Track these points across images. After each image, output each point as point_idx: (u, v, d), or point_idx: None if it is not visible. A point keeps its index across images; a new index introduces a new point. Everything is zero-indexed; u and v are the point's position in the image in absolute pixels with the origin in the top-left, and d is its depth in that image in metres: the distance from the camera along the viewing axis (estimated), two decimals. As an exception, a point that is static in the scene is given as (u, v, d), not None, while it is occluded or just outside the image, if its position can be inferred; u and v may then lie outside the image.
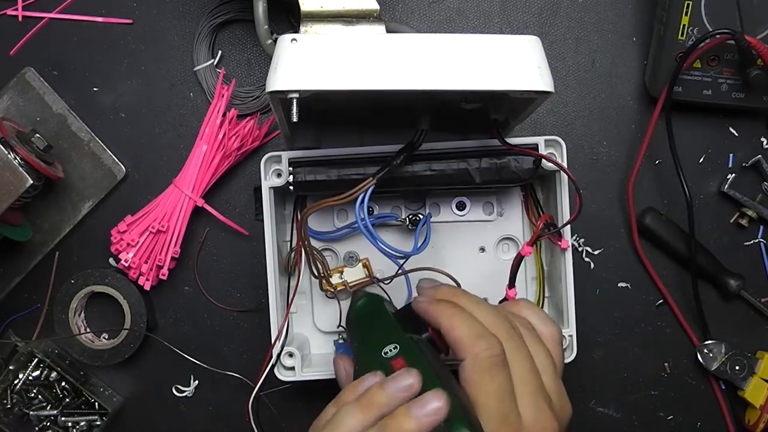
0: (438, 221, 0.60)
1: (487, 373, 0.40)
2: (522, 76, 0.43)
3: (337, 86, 0.42)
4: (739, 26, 0.58)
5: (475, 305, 0.44)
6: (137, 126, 0.65)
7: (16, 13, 0.64)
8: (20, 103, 0.64)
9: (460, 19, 0.65)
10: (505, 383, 0.40)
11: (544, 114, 0.65)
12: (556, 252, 0.58)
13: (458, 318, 0.43)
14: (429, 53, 0.43)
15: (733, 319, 0.65)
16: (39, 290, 0.65)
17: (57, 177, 0.61)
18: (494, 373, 0.40)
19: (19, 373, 0.64)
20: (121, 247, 0.62)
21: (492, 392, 0.40)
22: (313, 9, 0.50)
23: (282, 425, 0.64)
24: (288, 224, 0.60)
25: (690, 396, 0.65)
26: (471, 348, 0.41)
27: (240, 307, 0.65)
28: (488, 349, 0.40)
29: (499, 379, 0.40)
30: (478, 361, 0.40)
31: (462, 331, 0.42)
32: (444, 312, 0.44)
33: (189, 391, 0.65)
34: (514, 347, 0.42)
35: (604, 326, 0.65)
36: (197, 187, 0.62)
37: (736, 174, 0.65)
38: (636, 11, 0.65)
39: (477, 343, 0.41)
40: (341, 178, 0.54)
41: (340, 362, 0.50)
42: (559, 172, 0.55)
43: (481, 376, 0.40)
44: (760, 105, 0.62)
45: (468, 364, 0.40)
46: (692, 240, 0.62)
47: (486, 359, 0.40)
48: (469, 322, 0.42)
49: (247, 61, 0.65)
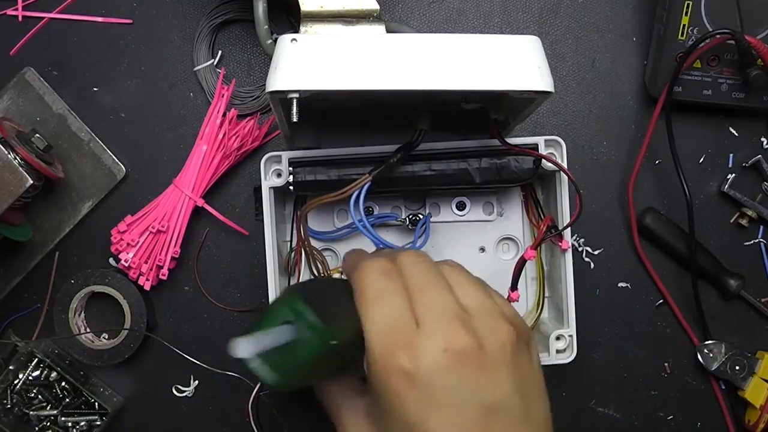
0: (438, 221, 0.60)
1: (373, 281, 0.39)
2: (522, 76, 0.43)
3: (337, 86, 0.42)
4: (739, 26, 0.58)
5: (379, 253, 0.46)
6: (137, 126, 0.65)
7: (16, 13, 0.64)
8: (20, 103, 0.64)
9: (460, 19, 0.65)
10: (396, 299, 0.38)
11: (544, 114, 0.65)
12: (557, 252, 0.58)
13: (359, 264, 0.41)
14: (429, 53, 0.43)
15: (733, 319, 0.65)
16: (39, 290, 0.65)
17: (57, 177, 0.61)
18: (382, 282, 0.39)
19: (19, 373, 0.64)
20: (121, 247, 0.62)
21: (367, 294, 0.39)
22: (313, 9, 0.50)
23: (282, 425, 0.64)
24: (288, 224, 0.60)
25: (690, 396, 0.65)
26: (355, 267, 0.41)
27: (240, 307, 0.65)
28: (370, 266, 0.40)
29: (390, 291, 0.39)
30: (371, 281, 0.39)
31: (350, 263, 0.44)
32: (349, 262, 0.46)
33: (189, 391, 0.65)
34: (425, 268, 0.40)
35: (604, 326, 0.65)
36: (197, 187, 0.62)
37: (736, 174, 0.65)
38: (636, 11, 0.65)
39: (362, 265, 0.41)
40: (341, 178, 0.54)
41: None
42: (559, 172, 0.55)
43: (359, 274, 0.40)
44: (760, 105, 0.62)
45: (353, 277, 0.40)
46: (692, 240, 0.62)
47: (371, 272, 0.40)
48: (363, 261, 0.41)
49: (247, 61, 0.65)
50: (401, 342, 0.36)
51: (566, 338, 0.56)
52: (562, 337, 0.56)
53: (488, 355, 0.36)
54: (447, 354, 0.35)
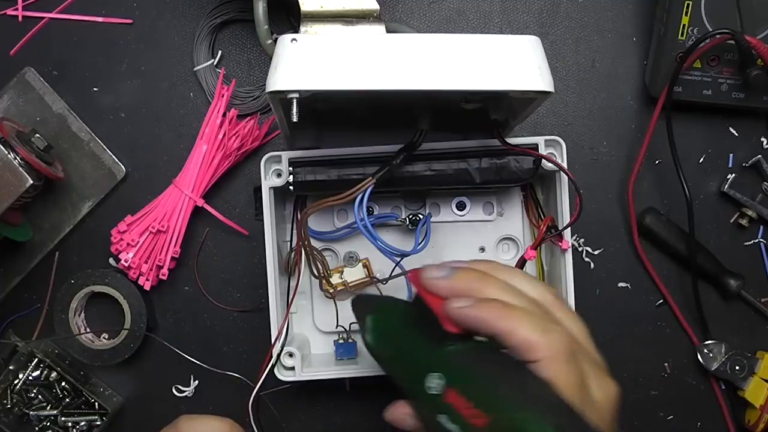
0: (438, 221, 0.60)
1: (567, 366, 0.37)
2: (522, 76, 0.43)
3: (337, 86, 0.42)
4: (739, 26, 0.58)
5: (510, 295, 0.40)
6: (137, 126, 0.65)
7: (16, 13, 0.64)
8: (20, 103, 0.64)
9: (460, 19, 0.65)
10: (580, 370, 0.38)
11: (544, 114, 0.65)
12: (557, 252, 0.58)
13: (514, 318, 0.38)
14: (429, 53, 0.43)
15: (733, 319, 0.65)
16: (39, 290, 0.65)
17: (57, 177, 0.61)
18: (572, 364, 0.37)
19: (19, 373, 0.64)
20: (121, 247, 0.62)
21: (573, 383, 0.37)
22: (313, 9, 0.50)
23: (282, 425, 0.64)
24: (288, 224, 0.60)
25: (690, 396, 0.65)
26: (546, 346, 0.36)
27: (240, 307, 0.65)
28: (560, 342, 0.37)
29: (577, 367, 0.37)
30: (557, 356, 0.36)
31: (526, 331, 0.37)
32: (492, 314, 0.38)
33: (189, 391, 0.65)
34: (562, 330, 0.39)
35: (604, 326, 0.65)
36: (197, 187, 0.62)
37: (736, 174, 0.65)
38: (636, 11, 0.65)
39: (548, 339, 0.37)
40: (341, 178, 0.54)
41: (396, 413, 0.43)
42: (559, 172, 0.55)
43: (563, 372, 0.36)
44: (760, 105, 0.62)
45: (547, 363, 0.36)
46: (692, 240, 0.62)
47: (563, 352, 0.37)
48: (527, 318, 0.38)
49: (247, 61, 0.65)
50: (594, 415, 0.38)
51: (566, 338, 0.56)
52: (562, 337, 0.56)
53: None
54: (613, 408, 0.40)
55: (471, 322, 0.38)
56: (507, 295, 0.39)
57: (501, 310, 0.38)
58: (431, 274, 0.42)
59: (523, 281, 0.41)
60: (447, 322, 0.39)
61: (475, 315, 0.38)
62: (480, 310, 0.38)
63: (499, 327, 0.37)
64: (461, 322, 0.39)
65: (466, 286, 0.40)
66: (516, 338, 0.37)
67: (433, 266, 0.42)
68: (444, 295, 0.41)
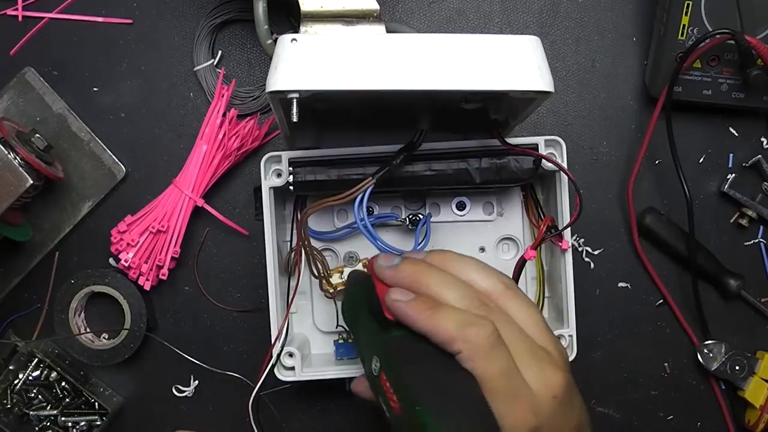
0: (438, 221, 0.60)
1: (487, 357, 0.38)
2: (522, 76, 0.43)
3: (337, 86, 0.42)
4: (739, 26, 0.58)
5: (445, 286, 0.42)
6: (137, 126, 0.65)
7: (16, 13, 0.64)
8: (20, 103, 0.64)
9: (460, 19, 0.65)
10: (506, 360, 0.39)
11: (544, 114, 0.65)
12: (557, 252, 0.58)
13: (436, 317, 0.40)
14: (429, 53, 0.43)
15: (733, 319, 0.65)
16: (39, 290, 0.65)
17: (57, 177, 0.61)
18: (494, 355, 0.39)
19: (19, 373, 0.64)
20: (121, 247, 0.62)
21: (497, 374, 0.38)
22: (313, 9, 0.50)
23: (282, 425, 0.64)
24: (288, 224, 0.60)
25: (690, 396, 0.65)
26: (464, 340, 0.39)
27: (240, 307, 0.65)
28: (479, 335, 0.39)
29: (499, 358, 0.39)
30: (476, 349, 0.38)
31: (445, 328, 0.39)
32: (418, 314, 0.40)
33: (189, 391, 0.65)
34: (497, 319, 0.40)
35: (604, 326, 0.65)
36: (197, 187, 0.62)
37: (736, 174, 0.65)
38: (636, 11, 0.65)
39: (468, 333, 0.39)
40: (341, 178, 0.54)
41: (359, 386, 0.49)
42: (559, 172, 0.55)
43: (483, 363, 0.38)
44: (760, 105, 0.62)
45: (466, 356, 0.38)
46: (692, 240, 0.62)
47: (482, 344, 0.38)
48: (449, 315, 0.40)
49: (247, 61, 0.65)
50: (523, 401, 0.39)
51: (566, 338, 0.56)
52: (562, 337, 0.56)
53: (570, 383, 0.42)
54: (556, 400, 0.40)
55: (402, 317, 0.41)
56: (446, 289, 0.41)
57: (427, 310, 0.40)
58: (381, 262, 0.45)
59: (475, 272, 0.44)
60: (387, 311, 0.42)
61: (404, 312, 0.41)
62: (408, 307, 0.41)
63: (422, 327, 0.40)
64: (395, 315, 0.42)
65: (408, 278, 0.43)
66: (437, 337, 0.39)
67: (384, 255, 0.46)
68: (389, 284, 0.44)
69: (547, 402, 0.39)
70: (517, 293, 0.44)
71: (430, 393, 0.37)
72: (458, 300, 0.41)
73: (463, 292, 0.42)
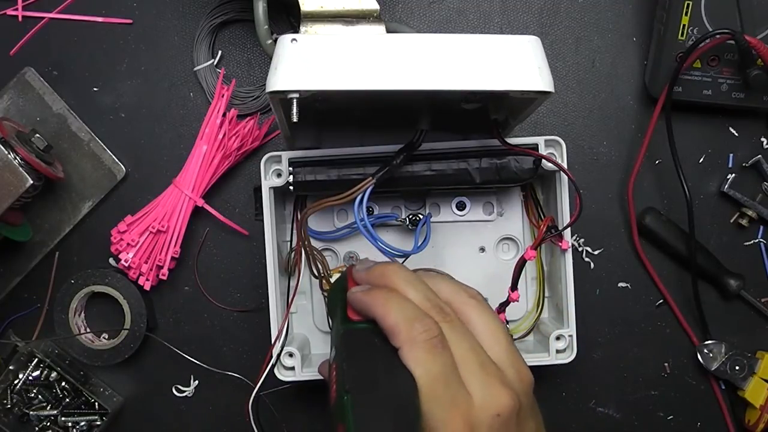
0: (438, 221, 0.60)
1: (427, 356, 0.38)
2: (522, 76, 0.43)
3: (337, 86, 0.42)
4: (739, 26, 0.58)
5: (408, 285, 0.42)
6: (137, 126, 0.65)
7: (16, 13, 0.64)
8: (20, 103, 0.64)
9: (460, 19, 0.65)
10: (446, 365, 0.38)
11: (544, 114, 0.65)
12: (557, 252, 0.58)
13: (389, 303, 0.40)
14: (429, 53, 0.43)
15: (733, 319, 0.65)
16: (39, 290, 0.65)
17: (57, 177, 0.61)
18: (434, 356, 0.38)
19: (19, 373, 0.64)
20: (121, 247, 0.62)
21: (435, 376, 0.37)
22: (313, 9, 0.50)
23: (282, 425, 0.64)
24: (288, 224, 0.60)
25: (690, 396, 0.65)
26: (407, 333, 0.38)
27: (240, 307, 0.65)
28: (424, 332, 0.38)
29: (440, 361, 0.38)
30: (416, 345, 0.38)
31: (393, 317, 0.39)
32: (375, 299, 0.41)
33: (189, 391, 0.65)
34: (450, 327, 0.40)
35: (604, 326, 0.65)
36: (197, 187, 0.62)
37: (736, 174, 0.65)
38: (636, 11, 0.65)
39: (412, 327, 0.38)
40: (341, 178, 0.54)
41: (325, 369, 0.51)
42: (559, 172, 0.55)
43: (421, 361, 0.38)
44: (760, 105, 0.62)
45: (405, 350, 0.38)
46: (692, 240, 0.62)
47: (423, 342, 0.38)
48: (400, 305, 0.40)
49: (247, 61, 0.65)
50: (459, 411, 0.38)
51: (566, 338, 0.56)
52: (562, 337, 0.56)
53: (522, 408, 0.40)
54: (498, 418, 0.38)
55: (360, 306, 0.42)
56: (410, 288, 0.42)
57: (382, 296, 0.41)
58: (357, 266, 0.46)
59: (444, 282, 0.44)
60: (349, 308, 0.43)
61: (361, 298, 0.42)
62: (366, 294, 0.42)
63: (375, 311, 0.40)
64: (355, 306, 0.43)
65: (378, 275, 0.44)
66: (385, 322, 0.40)
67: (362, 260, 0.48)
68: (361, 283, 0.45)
69: (487, 419, 0.38)
70: (481, 306, 0.43)
71: (361, 386, 0.37)
72: (417, 299, 0.41)
73: (424, 294, 0.42)
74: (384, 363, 0.39)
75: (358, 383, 0.38)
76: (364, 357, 0.40)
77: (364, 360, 0.40)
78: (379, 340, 0.40)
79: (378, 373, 0.39)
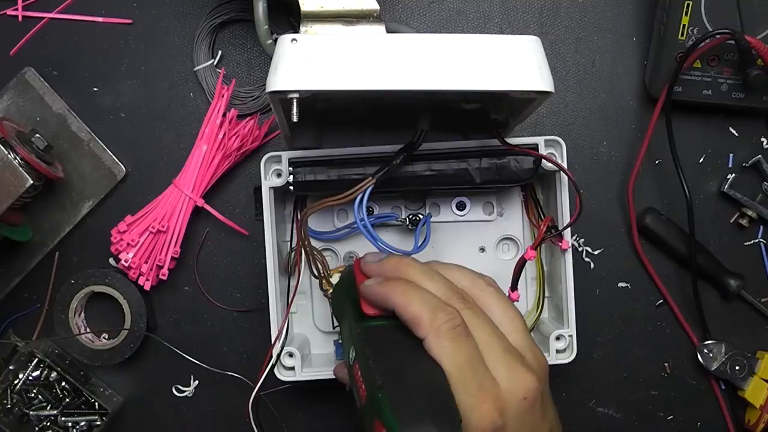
0: (438, 221, 0.60)
1: (453, 344, 0.38)
2: (522, 76, 0.43)
3: (337, 86, 0.42)
4: (739, 26, 0.58)
5: (425, 276, 0.42)
6: (137, 126, 0.65)
7: (16, 13, 0.64)
8: (20, 103, 0.64)
9: (460, 19, 0.65)
10: (472, 351, 0.39)
11: (544, 114, 0.65)
12: (557, 252, 0.58)
13: (410, 294, 0.41)
14: (429, 53, 0.43)
15: (733, 319, 0.65)
16: (39, 290, 0.65)
17: (57, 177, 0.61)
18: (460, 344, 0.39)
19: (19, 373, 0.64)
20: (121, 247, 0.62)
21: (463, 364, 0.38)
22: (313, 9, 0.50)
23: (282, 425, 0.64)
24: (288, 224, 0.60)
25: (690, 396, 0.65)
26: (430, 323, 0.39)
27: (240, 307, 0.65)
28: (448, 321, 0.39)
29: (466, 349, 0.39)
30: (441, 335, 0.39)
31: (416, 308, 0.40)
32: (394, 291, 0.41)
33: (189, 391, 0.65)
34: (472, 314, 0.41)
35: (604, 326, 0.65)
36: (197, 187, 0.62)
37: (736, 174, 0.65)
38: (636, 11, 0.65)
39: (436, 317, 0.39)
40: (341, 178, 0.54)
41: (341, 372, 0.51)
42: (559, 172, 0.55)
43: (447, 350, 0.38)
44: (760, 105, 0.62)
45: (431, 340, 0.39)
46: (692, 240, 0.62)
47: (447, 331, 0.39)
48: (422, 296, 0.40)
49: (247, 61, 0.65)
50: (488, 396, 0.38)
51: (566, 338, 0.56)
52: (562, 337, 0.56)
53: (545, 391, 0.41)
54: (525, 402, 0.39)
55: (377, 298, 0.42)
56: (427, 279, 0.42)
57: (401, 287, 0.41)
58: (367, 258, 0.46)
59: (458, 271, 0.45)
60: (364, 303, 0.43)
61: (378, 290, 0.42)
62: (383, 286, 0.42)
63: (395, 301, 0.40)
64: (371, 299, 0.43)
65: (392, 269, 0.44)
66: (407, 313, 0.40)
67: (373, 252, 0.47)
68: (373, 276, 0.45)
69: (515, 402, 0.39)
70: (498, 294, 0.44)
71: (392, 380, 0.38)
72: (437, 290, 0.42)
73: (442, 284, 0.42)
74: (409, 356, 0.39)
75: (389, 378, 0.38)
76: (389, 352, 0.40)
77: (390, 354, 0.40)
78: (400, 334, 0.41)
79: (405, 367, 0.39)
